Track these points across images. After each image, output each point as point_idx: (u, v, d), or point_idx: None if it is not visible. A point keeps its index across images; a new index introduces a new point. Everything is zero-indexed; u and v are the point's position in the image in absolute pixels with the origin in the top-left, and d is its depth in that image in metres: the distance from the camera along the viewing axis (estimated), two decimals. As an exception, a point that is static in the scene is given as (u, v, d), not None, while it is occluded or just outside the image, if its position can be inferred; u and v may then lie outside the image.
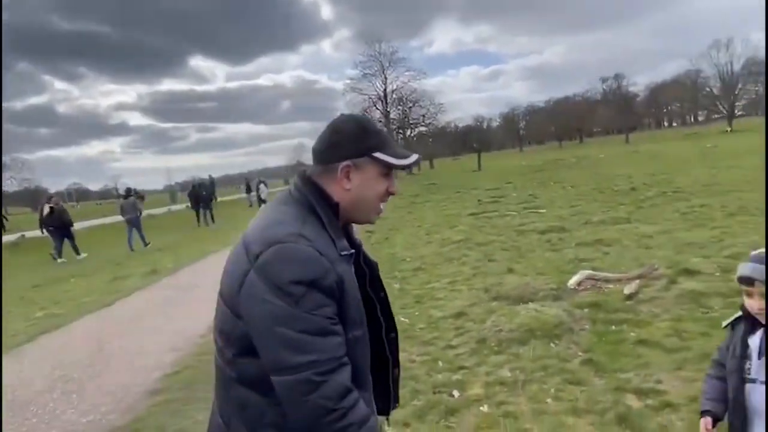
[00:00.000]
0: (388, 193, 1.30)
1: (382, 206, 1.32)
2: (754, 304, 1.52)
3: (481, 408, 3.21)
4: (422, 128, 53.85)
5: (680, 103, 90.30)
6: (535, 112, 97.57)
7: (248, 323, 1.13)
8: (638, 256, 6.43)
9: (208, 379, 4.28)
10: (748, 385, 1.56)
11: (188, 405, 3.78)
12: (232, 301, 1.17)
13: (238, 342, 1.16)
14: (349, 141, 1.24)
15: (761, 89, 67.73)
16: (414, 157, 1.29)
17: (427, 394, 3.45)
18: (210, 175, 25.40)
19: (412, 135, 53.83)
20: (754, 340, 1.57)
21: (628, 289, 5.01)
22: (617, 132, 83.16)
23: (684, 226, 8.04)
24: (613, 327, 4.27)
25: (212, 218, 20.58)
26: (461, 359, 4.04)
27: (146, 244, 14.48)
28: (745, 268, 1.54)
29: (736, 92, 63.35)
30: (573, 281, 5.50)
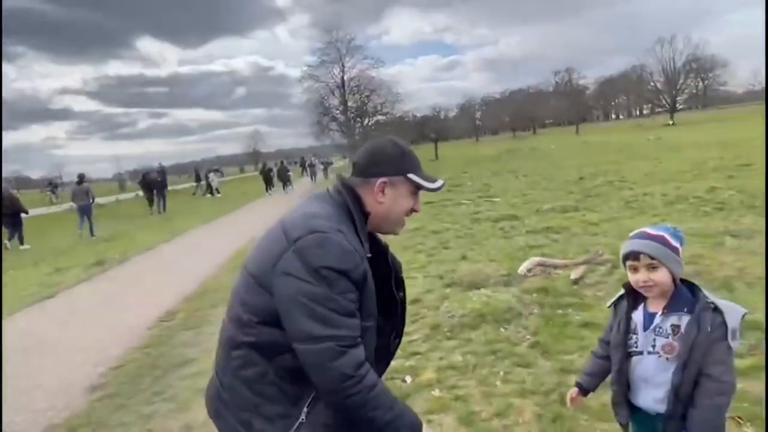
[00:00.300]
0: (413, 210, 1.48)
1: (405, 220, 1.50)
2: (639, 278, 1.62)
3: (433, 392, 3.26)
4: (380, 117, 53.67)
5: (627, 96, 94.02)
6: (490, 103, 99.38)
7: (278, 295, 1.25)
8: (585, 243, 6.68)
9: (154, 372, 4.17)
10: (633, 358, 1.67)
11: (132, 399, 3.65)
12: (262, 275, 1.30)
13: (262, 311, 1.29)
14: (390, 160, 1.43)
15: (701, 84, 71.50)
16: (440, 182, 1.48)
17: (380, 381, 3.46)
18: (160, 164, 24.52)
19: (370, 124, 53.62)
20: (638, 315, 1.68)
21: (574, 275, 5.19)
22: (568, 123, 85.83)
23: (628, 214, 8.40)
24: (560, 311, 4.41)
25: (164, 206, 20.28)
26: (415, 345, 4.08)
27: (93, 235, 13.88)
28: (631, 245, 1.63)
29: (678, 87, 66.61)
30: (523, 267, 5.65)
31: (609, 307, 1.82)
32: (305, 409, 1.32)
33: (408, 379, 3.48)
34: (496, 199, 12.31)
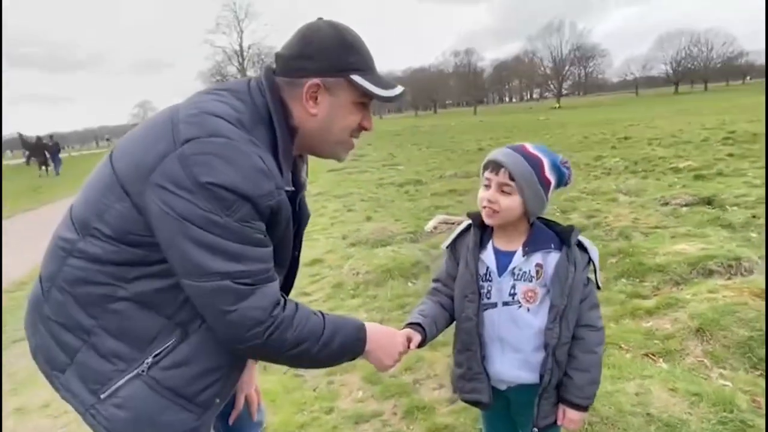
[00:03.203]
0: (361, 128, 1.11)
1: (354, 142, 1.12)
2: (486, 195, 1.26)
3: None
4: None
5: (519, 80, 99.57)
6: (393, 80, 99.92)
7: (153, 213, 0.91)
8: (488, 203, 6.65)
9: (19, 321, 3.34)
10: (484, 312, 1.31)
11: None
12: (128, 176, 0.94)
13: (115, 224, 0.94)
14: (323, 54, 1.01)
15: (583, 72, 77.80)
16: (399, 89, 1.09)
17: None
18: (50, 136, 22.99)
19: (270, 95, 51.50)
20: (488, 256, 1.31)
21: (480, 230, 5.08)
22: (466, 104, 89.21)
23: (526, 179, 8.62)
24: (468, 264, 4.24)
25: (58, 169, 21.06)
26: (315, 305, 3.63)
27: None
28: (498, 153, 1.26)
29: (564, 73, 71.91)
30: (429, 225, 5.46)
31: (446, 248, 1.41)
32: (150, 359, 0.98)
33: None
34: (401, 167, 12.17)
